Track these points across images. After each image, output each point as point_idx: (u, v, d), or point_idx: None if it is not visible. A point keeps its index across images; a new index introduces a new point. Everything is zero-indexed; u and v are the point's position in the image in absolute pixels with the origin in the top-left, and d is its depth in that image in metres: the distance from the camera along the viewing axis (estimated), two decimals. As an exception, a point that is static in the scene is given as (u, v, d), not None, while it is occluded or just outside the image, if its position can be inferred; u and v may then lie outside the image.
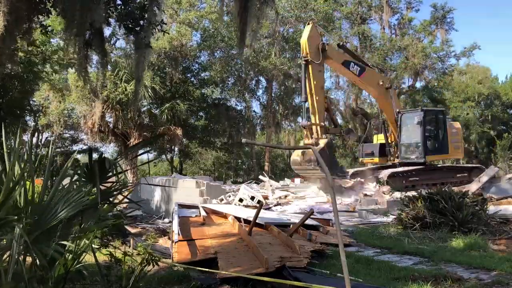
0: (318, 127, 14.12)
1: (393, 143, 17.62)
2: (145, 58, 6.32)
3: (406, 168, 16.63)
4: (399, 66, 27.73)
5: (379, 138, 18.92)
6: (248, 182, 19.09)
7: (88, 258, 3.46)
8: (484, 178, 14.88)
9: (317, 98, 13.97)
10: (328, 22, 26.22)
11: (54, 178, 3.47)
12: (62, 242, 2.96)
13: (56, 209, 3.08)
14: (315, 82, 13.94)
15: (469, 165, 21.07)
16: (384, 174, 16.15)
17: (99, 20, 5.16)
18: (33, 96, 16.03)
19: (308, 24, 14.64)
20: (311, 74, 13.97)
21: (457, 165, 18.61)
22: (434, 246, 7.22)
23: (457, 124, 18.63)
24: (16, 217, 2.85)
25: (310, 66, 13.96)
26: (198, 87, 25.18)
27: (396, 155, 17.42)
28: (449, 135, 17.28)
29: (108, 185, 3.80)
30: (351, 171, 17.45)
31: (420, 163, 16.78)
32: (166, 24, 8.34)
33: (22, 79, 12.64)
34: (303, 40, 14.23)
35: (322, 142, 13.77)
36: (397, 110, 17.21)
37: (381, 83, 16.61)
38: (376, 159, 17.96)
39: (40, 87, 18.10)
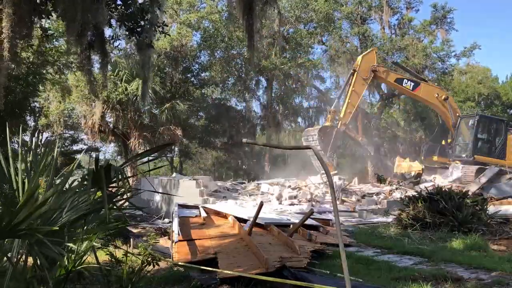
0: (342, 113, 17.31)
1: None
2: (149, 58, 6.33)
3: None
4: (399, 66, 27.65)
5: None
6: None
7: (88, 258, 3.47)
8: (484, 178, 14.86)
9: (349, 100, 17.22)
10: (328, 22, 26.18)
11: (55, 178, 3.46)
12: (65, 244, 2.95)
13: (60, 211, 3.06)
14: (353, 89, 17.27)
15: None
16: (470, 169, 17.19)
17: (102, 22, 5.16)
18: (38, 97, 15.93)
19: (372, 50, 18.75)
20: (353, 82, 17.28)
21: None
22: (434, 246, 7.22)
23: None
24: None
25: (355, 75, 17.29)
26: (198, 87, 25.14)
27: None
28: (509, 143, 18.79)
29: (113, 189, 3.79)
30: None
31: (469, 161, 17.99)
32: (167, 25, 8.36)
33: (27, 80, 12.60)
34: (360, 56, 17.82)
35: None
36: (457, 114, 19.41)
37: (437, 95, 18.71)
38: (435, 158, 19.83)
39: (44, 89, 18.02)
